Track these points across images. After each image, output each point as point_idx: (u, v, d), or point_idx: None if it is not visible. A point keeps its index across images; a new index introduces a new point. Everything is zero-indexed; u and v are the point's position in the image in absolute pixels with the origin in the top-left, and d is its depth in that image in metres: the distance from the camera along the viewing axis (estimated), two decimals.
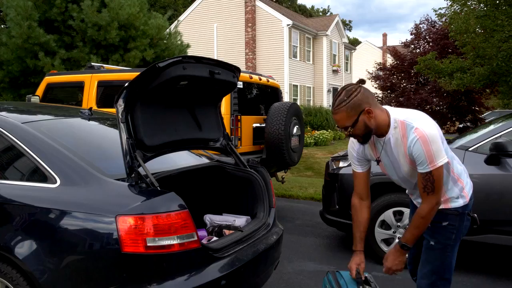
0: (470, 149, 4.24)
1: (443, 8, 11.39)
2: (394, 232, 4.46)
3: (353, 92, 2.26)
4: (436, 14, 11.84)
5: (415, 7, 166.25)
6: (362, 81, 2.33)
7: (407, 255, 2.53)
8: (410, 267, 2.83)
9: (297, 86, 25.90)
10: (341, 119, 2.29)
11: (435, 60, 11.27)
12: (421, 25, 15.20)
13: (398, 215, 4.44)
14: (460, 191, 2.44)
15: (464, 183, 2.48)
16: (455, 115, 14.43)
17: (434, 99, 13.88)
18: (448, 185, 2.42)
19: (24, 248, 2.42)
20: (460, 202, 2.43)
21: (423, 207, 2.29)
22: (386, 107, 2.40)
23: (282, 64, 24.74)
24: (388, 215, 4.44)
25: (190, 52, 14.95)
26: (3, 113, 3.01)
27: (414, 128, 2.23)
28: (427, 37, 14.95)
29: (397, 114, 2.33)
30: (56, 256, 2.36)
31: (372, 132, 2.34)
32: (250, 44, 24.90)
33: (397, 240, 4.38)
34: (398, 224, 4.43)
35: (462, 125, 15.26)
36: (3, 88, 12.22)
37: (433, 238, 2.44)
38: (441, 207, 2.41)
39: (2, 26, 14.29)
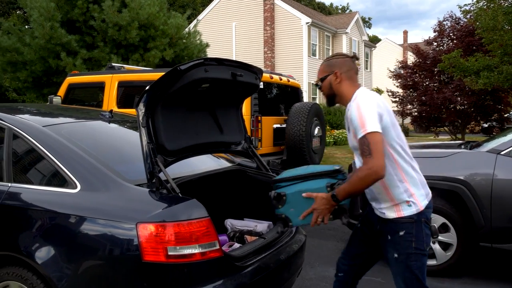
0: (502, 152, 4.09)
1: (468, 4, 11.14)
2: None
3: (337, 56, 2.56)
4: (461, 10, 11.57)
5: (437, 3, 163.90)
6: (355, 57, 2.58)
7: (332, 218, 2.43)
8: (344, 262, 2.76)
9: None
10: (318, 73, 2.59)
11: (460, 58, 11.01)
12: (444, 22, 14.88)
13: None
14: (407, 194, 2.40)
15: (413, 189, 2.42)
16: (480, 115, 14.09)
17: (458, 98, 13.56)
18: (389, 180, 2.39)
19: (43, 253, 2.38)
20: (413, 210, 2.40)
21: (362, 168, 2.23)
22: (363, 88, 2.50)
23: (301, 63, 24.57)
24: None
25: (209, 51, 14.94)
26: (25, 116, 2.99)
27: (355, 99, 2.38)
28: (451, 34, 14.62)
29: (359, 91, 2.45)
30: (75, 262, 2.32)
31: (335, 98, 2.54)
32: (269, 43, 24.79)
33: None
34: None
35: (488, 124, 14.91)
36: (26, 87, 12.40)
37: (395, 250, 2.44)
38: (395, 215, 2.41)
39: (26, 27, 14.48)
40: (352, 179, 2.26)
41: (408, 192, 2.41)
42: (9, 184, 2.66)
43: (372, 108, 2.27)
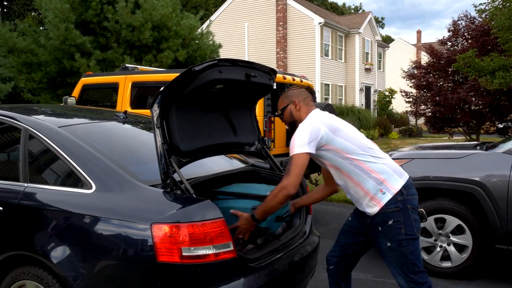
0: None
1: (483, 3, 10.98)
2: (435, 240, 4.28)
3: (293, 88, 2.92)
4: (476, 10, 11.41)
5: (451, 2, 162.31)
6: (310, 90, 2.84)
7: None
8: (334, 254, 2.97)
9: (328, 85, 25.61)
10: (278, 104, 2.90)
11: (475, 58, 10.86)
12: (459, 22, 14.69)
13: (440, 223, 4.26)
14: (377, 183, 2.60)
15: (382, 176, 2.61)
16: (495, 115, 13.88)
17: (473, 98, 13.37)
18: (358, 176, 2.63)
19: (58, 252, 2.40)
20: (388, 196, 2.59)
21: (277, 186, 2.53)
22: (314, 111, 2.78)
23: (314, 63, 24.49)
24: (429, 222, 4.27)
25: (222, 52, 14.97)
26: (40, 117, 3.01)
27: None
28: (465, 34, 14.43)
29: (309, 116, 2.74)
30: (90, 262, 2.33)
31: (296, 123, 2.77)
32: (281, 43, 24.75)
33: (438, 249, 4.23)
34: (440, 232, 4.26)
35: (503, 125, 14.68)
36: (41, 88, 12.53)
37: (387, 239, 2.61)
38: (377, 208, 2.60)
39: (41, 28, 14.65)
40: (267, 198, 2.54)
41: (378, 181, 2.60)
42: (25, 184, 2.69)
43: (305, 132, 2.58)
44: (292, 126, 2.83)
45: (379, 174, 2.62)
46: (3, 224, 2.62)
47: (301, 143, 2.55)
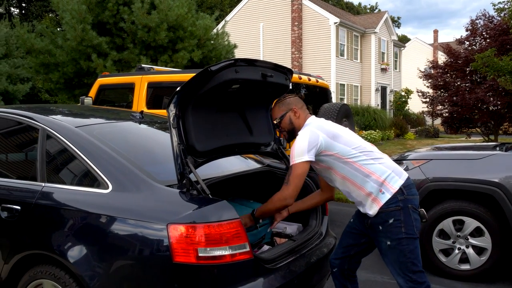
0: None
1: (502, 2, 10.81)
2: (454, 243, 4.21)
3: (289, 96, 2.90)
4: (494, 8, 11.25)
5: (468, 1, 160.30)
6: (300, 95, 2.86)
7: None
8: (337, 256, 2.97)
9: (344, 85, 25.46)
10: (274, 113, 2.89)
11: (494, 57, 10.70)
12: (477, 21, 14.47)
13: (458, 224, 4.19)
14: (377, 184, 2.63)
15: (382, 177, 2.63)
16: None
17: (491, 98, 13.16)
18: (358, 179, 2.65)
19: (75, 252, 2.42)
20: (387, 196, 2.61)
21: (278, 193, 2.63)
22: (310, 118, 2.81)
23: (329, 63, 24.37)
24: (447, 224, 4.20)
25: (237, 52, 14.98)
26: (57, 117, 3.04)
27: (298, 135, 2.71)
28: (484, 33, 14.21)
29: (306, 123, 2.78)
30: (106, 262, 2.34)
31: (295, 131, 2.80)
32: (297, 43, 24.68)
33: (456, 251, 4.17)
34: (458, 234, 4.18)
35: None
36: (58, 88, 12.69)
37: (387, 238, 2.63)
38: (377, 208, 2.62)
39: (58, 29, 14.82)
40: (268, 202, 2.67)
41: (378, 182, 2.63)
42: (43, 184, 2.71)
43: (303, 140, 2.61)
44: (291, 134, 2.86)
45: (378, 175, 2.64)
46: (21, 223, 2.64)
47: (301, 152, 2.59)
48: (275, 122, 2.91)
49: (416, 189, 2.76)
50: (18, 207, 2.67)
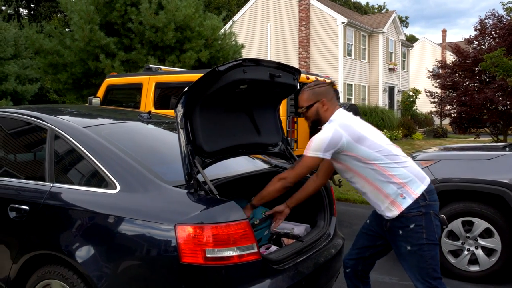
0: None
1: (511, 1, 10.73)
2: (463, 244, 4.17)
3: (320, 85, 2.77)
4: (504, 7, 11.17)
5: (477, 1, 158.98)
6: (332, 84, 2.81)
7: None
8: (351, 257, 2.95)
9: (351, 85, 25.37)
10: (302, 100, 2.78)
11: (503, 57, 10.61)
12: (486, 20, 14.36)
13: (467, 225, 4.16)
14: (398, 188, 2.58)
15: (403, 182, 2.58)
16: None
17: (500, 98, 13.05)
18: (378, 181, 2.60)
19: (83, 252, 2.42)
20: (408, 201, 2.56)
21: (279, 174, 2.71)
22: (338, 111, 2.72)
23: (337, 63, 24.30)
24: (456, 225, 4.17)
25: (244, 52, 14.97)
26: (66, 117, 3.04)
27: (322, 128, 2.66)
28: (493, 32, 14.10)
29: (333, 118, 2.69)
30: (114, 262, 2.34)
31: (320, 122, 2.74)
32: (304, 43, 24.63)
33: (465, 252, 4.13)
34: (467, 235, 4.15)
35: None
36: (67, 89, 12.76)
37: (408, 243, 2.59)
38: (396, 212, 2.58)
39: (66, 30, 14.90)
40: (267, 186, 2.71)
41: (399, 186, 2.58)
42: (51, 184, 2.71)
43: (325, 138, 2.56)
44: (315, 124, 2.80)
45: (399, 179, 2.59)
46: (29, 223, 2.65)
47: (318, 147, 2.56)
48: (300, 110, 2.82)
49: None
50: (27, 207, 2.68)
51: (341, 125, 2.61)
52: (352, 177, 2.71)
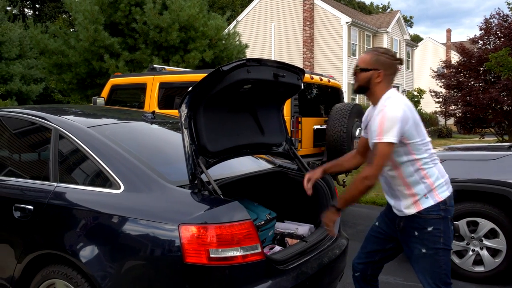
0: None
1: None
2: (468, 244, 4.15)
3: (387, 56, 2.55)
4: (509, 7, 11.15)
5: (481, 0, 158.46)
6: (401, 62, 2.60)
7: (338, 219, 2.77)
8: (360, 261, 2.86)
9: None
10: (362, 59, 2.58)
11: (508, 57, 10.58)
12: (491, 20, 14.32)
13: (472, 226, 4.14)
14: (427, 189, 2.50)
15: (434, 184, 2.51)
16: None
17: (505, 98, 13.01)
18: (412, 177, 2.50)
19: (87, 252, 2.42)
20: (430, 202, 2.49)
21: (359, 176, 2.42)
22: (393, 90, 2.54)
23: (341, 63, 24.28)
24: (461, 226, 4.14)
25: (248, 52, 14.97)
26: (70, 117, 3.05)
27: (386, 104, 2.44)
28: (498, 32, 14.06)
29: (390, 94, 2.50)
30: (118, 262, 2.34)
31: (367, 91, 2.58)
32: (308, 43, 24.61)
33: (470, 253, 4.11)
34: (472, 235, 4.13)
35: None
36: (71, 89, 12.80)
37: (423, 246, 2.51)
38: (414, 210, 2.50)
39: (71, 30, 14.95)
40: (349, 188, 2.47)
41: (428, 187, 2.50)
42: (55, 184, 2.72)
43: (395, 119, 2.35)
44: (360, 90, 2.61)
45: (432, 181, 2.51)
46: (34, 223, 2.65)
47: (390, 132, 2.33)
48: (354, 68, 2.61)
49: None
50: (31, 207, 2.68)
51: (406, 105, 2.43)
52: (389, 171, 2.55)
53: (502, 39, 13.83)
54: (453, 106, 15.51)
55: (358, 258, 2.88)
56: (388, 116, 2.35)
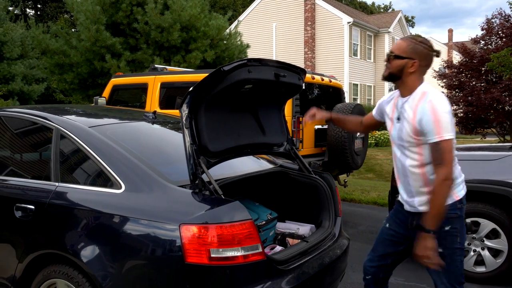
0: None
1: None
2: (469, 244, 4.15)
3: (425, 47, 2.45)
4: (511, 7, 11.11)
5: (483, 0, 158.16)
6: (438, 53, 2.52)
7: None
8: (372, 264, 2.78)
9: (357, 85, 25.33)
10: (398, 45, 2.48)
11: (510, 57, 10.56)
12: (493, 20, 14.29)
13: (474, 226, 4.13)
14: (460, 176, 2.50)
15: (456, 184, 2.49)
16: None
17: (507, 98, 12.98)
18: (434, 175, 2.40)
19: (88, 251, 2.42)
20: (461, 191, 2.49)
21: (436, 181, 2.33)
22: (427, 84, 2.47)
23: (342, 63, 24.27)
24: None
25: (249, 52, 14.98)
26: (71, 117, 3.05)
27: (429, 99, 2.35)
28: (500, 32, 14.03)
29: (426, 88, 2.44)
30: (119, 262, 2.34)
31: (397, 79, 2.50)
32: (309, 43, 24.61)
33: (472, 253, 4.11)
34: (474, 235, 4.12)
35: None
36: (73, 89, 12.81)
37: (440, 245, 2.43)
38: (428, 207, 2.39)
39: (73, 30, 14.97)
40: (433, 202, 2.33)
41: (460, 174, 2.49)
42: (57, 184, 2.72)
43: (448, 113, 2.31)
44: (390, 77, 2.53)
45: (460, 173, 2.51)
46: (35, 223, 2.66)
47: (447, 125, 2.29)
48: (388, 55, 2.52)
49: None
50: (32, 207, 2.69)
51: (446, 100, 2.38)
52: (412, 167, 2.50)
53: (504, 39, 13.79)
54: (455, 106, 15.47)
55: (370, 261, 2.80)
56: (441, 112, 2.31)
